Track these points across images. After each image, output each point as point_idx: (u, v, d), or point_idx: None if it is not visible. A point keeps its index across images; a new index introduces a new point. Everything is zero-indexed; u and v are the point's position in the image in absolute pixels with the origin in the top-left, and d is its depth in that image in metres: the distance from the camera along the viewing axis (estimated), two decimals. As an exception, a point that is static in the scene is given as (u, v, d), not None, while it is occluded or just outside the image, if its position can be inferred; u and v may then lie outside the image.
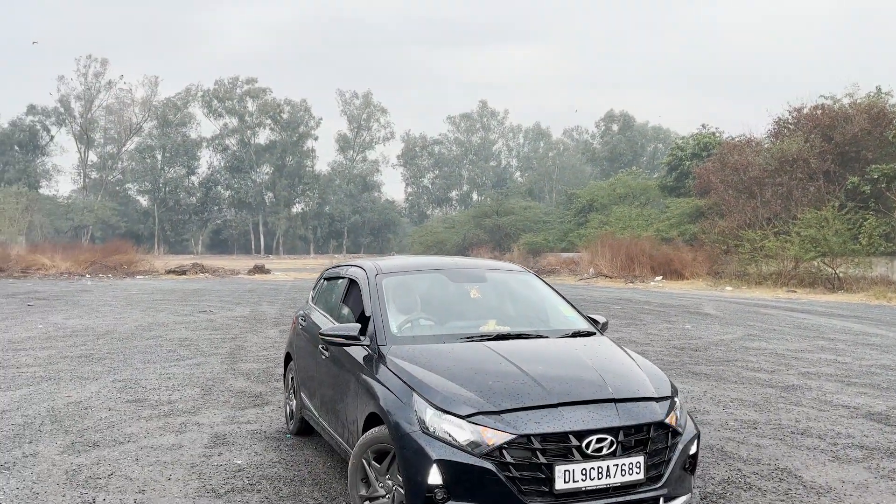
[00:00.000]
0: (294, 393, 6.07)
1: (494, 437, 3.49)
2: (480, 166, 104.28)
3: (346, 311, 5.22)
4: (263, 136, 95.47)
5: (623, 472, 3.60)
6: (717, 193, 38.27)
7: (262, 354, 10.62)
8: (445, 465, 3.48)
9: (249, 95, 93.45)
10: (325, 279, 6.25)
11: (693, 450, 4.00)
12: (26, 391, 7.72)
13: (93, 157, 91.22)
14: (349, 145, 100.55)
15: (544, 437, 3.52)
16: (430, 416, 3.62)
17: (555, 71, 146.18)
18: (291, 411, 6.15)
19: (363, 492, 4.00)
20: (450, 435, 3.54)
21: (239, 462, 5.31)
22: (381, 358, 4.23)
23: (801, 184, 33.71)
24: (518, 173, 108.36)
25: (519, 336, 4.56)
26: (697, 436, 4.06)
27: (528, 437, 3.50)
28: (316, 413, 5.32)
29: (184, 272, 38.83)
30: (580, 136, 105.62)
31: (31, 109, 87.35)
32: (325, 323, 5.30)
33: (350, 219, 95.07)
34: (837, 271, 28.96)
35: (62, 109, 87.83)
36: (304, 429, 5.94)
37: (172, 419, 6.59)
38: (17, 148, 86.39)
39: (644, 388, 3.97)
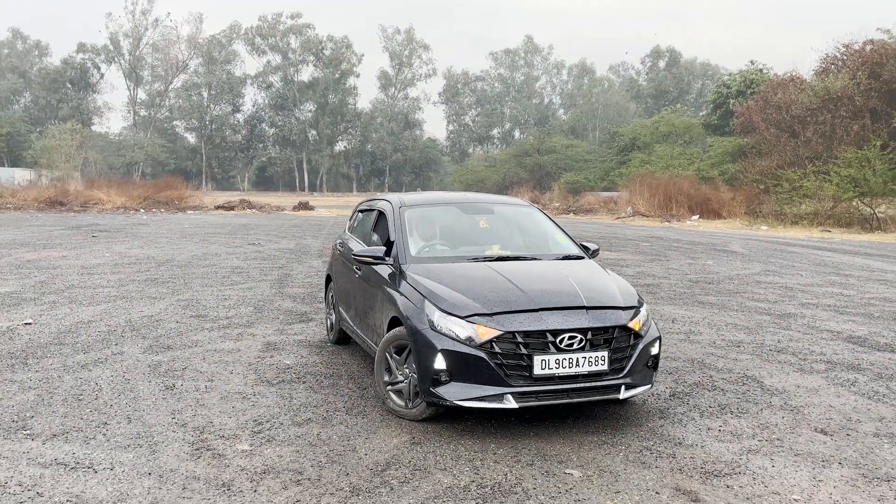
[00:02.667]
0: (333, 308, 7.11)
1: (486, 332, 4.44)
2: (523, 103, 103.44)
3: (375, 237, 6.19)
4: (306, 74, 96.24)
5: (590, 363, 4.52)
6: (758, 132, 38.00)
7: (306, 281, 11.75)
8: (448, 354, 4.45)
9: (292, 32, 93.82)
10: (359, 211, 7.22)
11: (655, 350, 4.90)
12: (105, 306, 8.96)
13: (141, 94, 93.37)
14: (391, 82, 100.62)
15: (526, 334, 4.45)
16: (438, 317, 4.58)
17: (602, 2, 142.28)
18: (331, 324, 7.21)
19: (387, 378, 5.02)
20: (452, 331, 4.50)
21: (288, 362, 6.40)
22: (401, 274, 5.19)
23: (844, 122, 33.31)
24: (561, 111, 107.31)
25: (517, 258, 5.48)
26: (658, 339, 4.95)
27: (513, 333, 4.44)
28: (351, 323, 6.34)
29: (231, 208, 40.41)
30: (626, 73, 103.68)
31: (82, 47, 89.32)
32: (359, 248, 6.27)
33: (392, 157, 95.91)
34: (876, 211, 28.94)
35: (111, 47, 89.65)
36: (341, 339, 7.00)
37: (231, 330, 7.73)
38: (69, 85, 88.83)
39: (612, 299, 4.86)
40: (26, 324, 7.81)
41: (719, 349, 7.26)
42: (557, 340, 4.47)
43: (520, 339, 4.43)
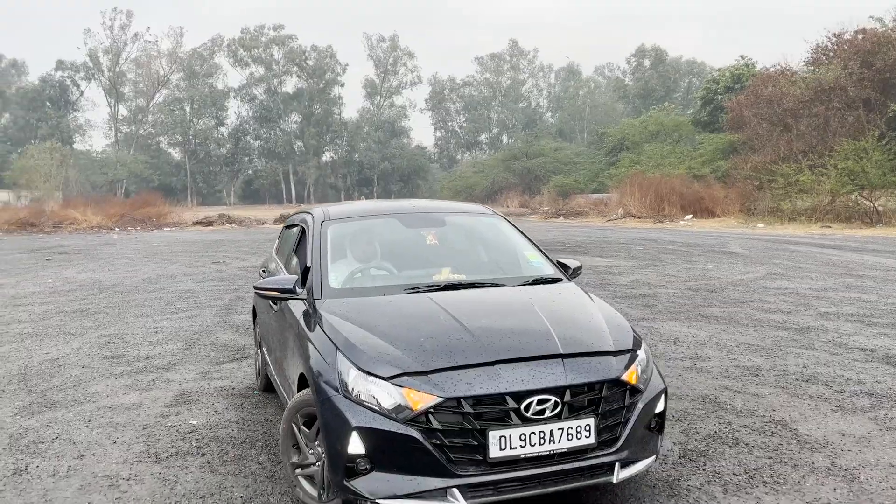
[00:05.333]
0: (259, 347, 5.77)
1: (420, 400, 3.10)
2: (510, 108, 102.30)
3: (295, 261, 4.83)
4: (290, 85, 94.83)
5: (570, 437, 3.19)
6: (750, 127, 36.86)
7: (259, 305, 10.38)
8: (367, 433, 3.11)
9: (275, 43, 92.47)
10: (284, 227, 5.86)
11: (659, 407, 3.58)
12: (7, 348, 7.59)
13: (123, 110, 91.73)
14: (376, 91, 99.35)
15: (477, 400, 3.12)
16: (353, 378, 3.24)
17: (586, 5, 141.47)
18: (258, 367, 5.87)
19: (294, 458, 3.67)
20: (374, 399, 3.17)
21: (193, 422, 5.04)
22: (315, 313, 3.85)
23: (838, 114, 32.18)
24: (549, 114, 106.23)
25: (472, 285, 4.13)
26: (664, 391, 3.63)
27: (458, 399, 3.10)
28: (272, 369, 5.00)
29: (210, 223, 39.00)
30: (612, 74, 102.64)
31: (60, 64, 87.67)
32: (275, 274, 4.93)
33: (379, 166, 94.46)
34: (876, 205, 27.78)
35: (91, 63, 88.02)
36: (269, 385, 5.65)
37: (143, 376, 6.37)
38: (48, 104, 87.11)
39: (600, 341, 3.53)
40: None
41: (734, 380, 5.94)
42: (522, 407, 3.14)
43: (468, 409, 3.10)
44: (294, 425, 3.65)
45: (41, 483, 3.98)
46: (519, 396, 3.14)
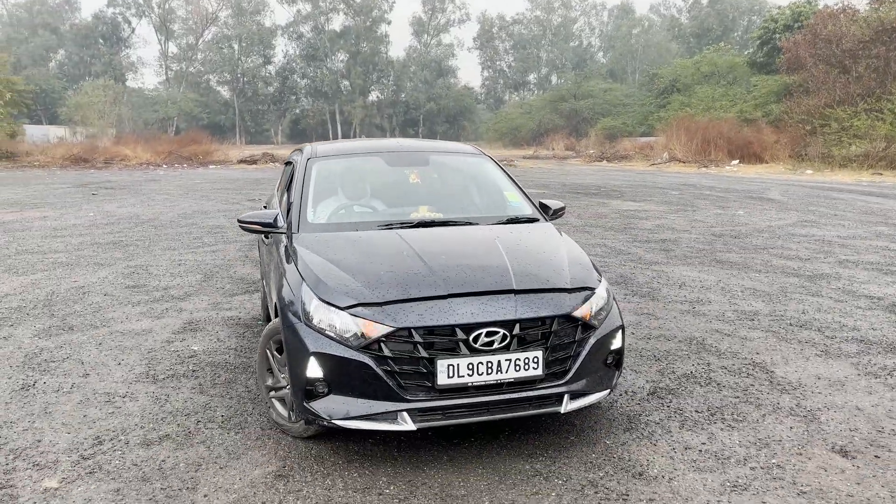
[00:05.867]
0: (262, 280, 6.01)
1: (373, 329, 3.27)
2: (560, 47, 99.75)
3: (285, 197, 5.00)
4: (337, 23, 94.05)
5: (518, 368, 3.33)
6: (806, 69, 35.35)
7: (282, 242, 10.68)
8: (323, 358, 3.31)
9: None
10: (285, 164, 6.02)
11: (616, 344, 3.68)
12: (39, 276, 8.03)
13: (173, 48, 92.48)
14: (423, 29, 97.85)
15: (428, 330, 3.27)
16: (314, 308, 3.42)
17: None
18: (263, 299, 6.12)
19: (269, 382, 3.91)
20: (331, 327, 3.34)
21: (195, 348, 5.34)
22: (290, 246, 4.03)
23: (900, 55, 30.61)
24: (600, 54, 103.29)
25: (445, 223, 4.24)
26: (621, 328, 3.72)
27: (409, 329, 3.26)
28: (268, 300, 5.23)
29: (254, 162, 39.59)
30: (667, 12, 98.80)
31: (112, 1, 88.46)
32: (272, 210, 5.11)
33: (425, 106, 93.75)
34: (933, 152, 26.64)
35: (141, 0, 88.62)
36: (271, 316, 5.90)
37: (158, 305, 6.71)
38: (101, 41, 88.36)
39: (556, 278, 3.62)
40: (-67, 300, 6.92)
41: (728, 324, 5.97)
42: (471, 338, 3.28)
43: (418, 338, 3.25)
44: (268, 351, 3.88)
45: (45, 397, 4.32)
46: (468, 328, 3.28)
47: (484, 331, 3.29)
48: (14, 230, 11.85)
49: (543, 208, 4.71)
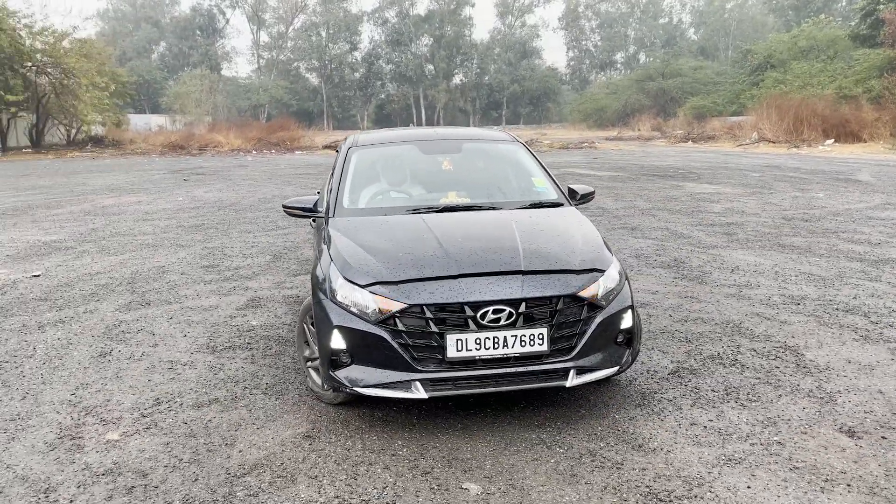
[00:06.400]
0: (317, 261, 6.43)
1: (388, 305, 3.58)
2: (649, 24, 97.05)
3: (328, 184, 5.37)
4: (422, 7, 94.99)
5: (524, 343, 3.57)
6: (911, 41, 33.17)
7: (351, 225, 11.15)
8: (345, 332, 3.64)
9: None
10: (336, 151, 6.40)
11: (625, 324, 3.85)
12: (127, 256, 8.77)
13: (264, 37, 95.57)
14: (508, 10, 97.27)
15: (438, 307, 3.55)
16: (339, 285, 3.76)
17: None
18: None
19: (306, 353, 4.29)
20: (354, 303, 3.67)
21: (254, 323, 5.82)
22: (326, 229, 4.38)
23: None
24: (691, 30, 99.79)
25: (469, 208, 4.50)
26: (631, 307, 3.88)
27: (420, 306, 3.55)
28: (318, 281, 5.64)
29: (337, 147, 40.63)
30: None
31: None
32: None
33: (509, 88, 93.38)
34: None
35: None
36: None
37: (227, 283, 7.26)
38: (198, 32, 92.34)
39: (564, 261, 3.82)
40: (34, 276, 7.71)
41: (770, 308, 5.97)
42: (478, 315, 3.54)
43: (429, 315, 3.54)
44: (305, 325, 4.25)
45: (118, 364, 4.87)
46: (476, 306, 3.54)
47: (491, 308, 3.54)
48: (111, 214, 12.84)
49: (572, 193, 4.88)
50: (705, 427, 3.73)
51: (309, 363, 4.26)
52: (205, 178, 20.95)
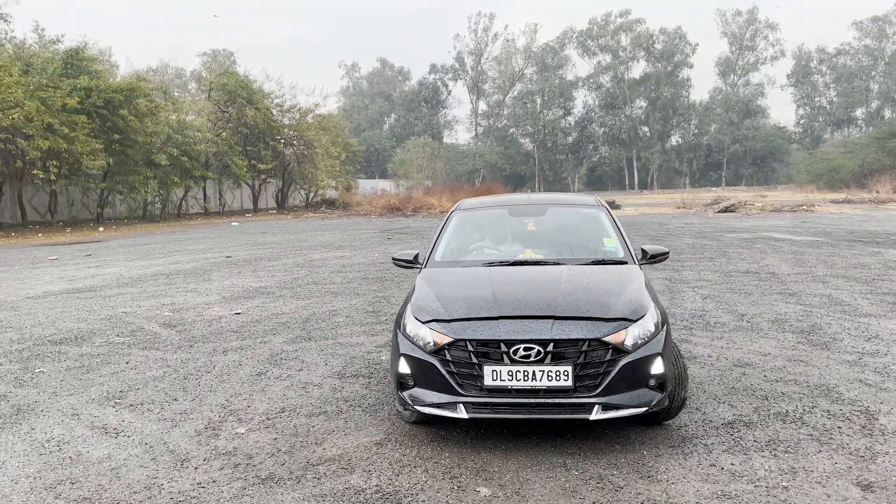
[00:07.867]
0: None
1: (440, 339, 4.38)
2: (895, 77, 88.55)
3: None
4: (637, 70, 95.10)
5: (550, 378, 4.17)
6: None
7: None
8: (408, 359, 4.50)
9: (623, 30, 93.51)
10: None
11: (656, 369, 4.28)
12: (311, 301, 10.37)
13: (483, 105, 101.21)
14: (731, 68, 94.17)
15: (480, 342, 4.29)
16: (408, 321, 4.65)
17: None
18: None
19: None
20: (417, 336, 4.53)
21: (383, 358, 6.85)
22: (416, 278, 5.31)
23: None
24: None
25: (537, 263, 5.18)
26: (660, 355, 4.31)
27: (465, 341, 4.31)
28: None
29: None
30: None
31: (433, 68, 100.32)
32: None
33: (730, 148, 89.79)
34: None
35: (457, 65, 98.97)
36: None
37: (379, 326, 8.43)
38: (423, 104, 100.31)
39: (597, 310, 4.38)
40: (236, 313, 9.47)
41: (879, 375, 5.84)
42: (511, 351, 4.22)
43: (471, 348, 4.29)
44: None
45: (267, 381, 6.12)
46: (510, 343, 4.23)
47: (522, 346, 4.21)
48: (315, 266, 14.89)
49: (644, 254, 5.38)
50: (723, 468, 4.04)
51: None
52: (405, 237, 23.02)
